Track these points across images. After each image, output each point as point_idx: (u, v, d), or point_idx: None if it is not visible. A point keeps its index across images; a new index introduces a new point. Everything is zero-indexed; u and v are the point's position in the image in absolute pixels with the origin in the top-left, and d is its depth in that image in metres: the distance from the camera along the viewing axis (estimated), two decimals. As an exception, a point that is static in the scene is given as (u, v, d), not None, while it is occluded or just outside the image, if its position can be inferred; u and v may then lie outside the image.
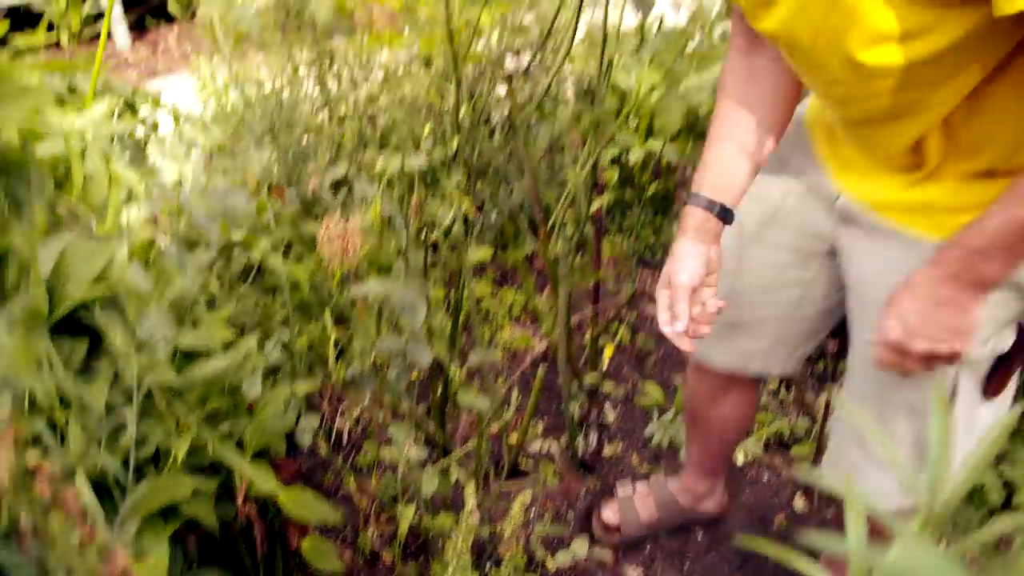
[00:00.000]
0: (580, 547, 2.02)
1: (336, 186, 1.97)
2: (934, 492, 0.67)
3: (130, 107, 2.04)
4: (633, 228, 2.96)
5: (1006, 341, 1.18)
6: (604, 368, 2.30)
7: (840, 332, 1.54)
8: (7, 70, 1.20)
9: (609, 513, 2.04)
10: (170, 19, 5.40)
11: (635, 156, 2.15)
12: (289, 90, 2.83)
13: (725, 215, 1.23)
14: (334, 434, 2.36)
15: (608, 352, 2.24)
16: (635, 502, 2.04)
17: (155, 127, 2.13)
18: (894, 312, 1.08)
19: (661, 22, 2.34)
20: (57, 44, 2.17)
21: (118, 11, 5.32)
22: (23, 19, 3.20)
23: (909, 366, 1.09)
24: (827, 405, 2.07)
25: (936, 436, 0.69)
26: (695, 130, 2.41)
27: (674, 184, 3.06)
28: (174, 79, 4.70)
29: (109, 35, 2.11)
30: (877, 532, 1.33)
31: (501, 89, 2.25)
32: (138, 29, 5.71)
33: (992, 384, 1.21)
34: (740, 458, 2.15)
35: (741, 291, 1.44)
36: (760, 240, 1.39)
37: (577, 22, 1.50)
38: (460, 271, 1.69)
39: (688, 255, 1.20)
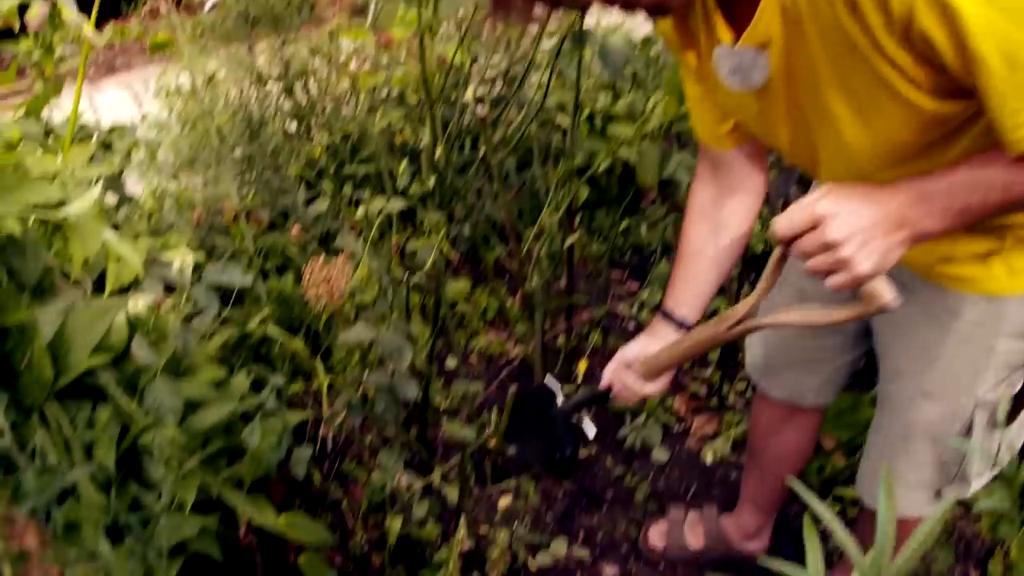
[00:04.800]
0: (559, 548, 2.13)
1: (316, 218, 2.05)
2: (879, 570, 0.77)
3: (106, 145, 2.08)
4: (602, 230, 3.04)
5: (1017, 385, 1.35)
6: (579, 380, 2.40)
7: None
8: (8, 160, 1.25)
9: (656, 537, 2.12)
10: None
11: (603, 164, 2.23)
12: (255, 94, 2.86)
13: (684, 325, 1.49)
14: (319, 442, 2.43)
15: (582, 366, 2.34)
16: (684, 528, 2.12)
17: (129, 157, 2.17)
18: (848, 207, 1.01)
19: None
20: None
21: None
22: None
23: (815, 260, 1.04)
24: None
25: (882, 521, 0.79)
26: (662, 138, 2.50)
27: (641, 187, 3.15)
28: (134, 76, 4.66)
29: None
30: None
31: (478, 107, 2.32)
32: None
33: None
34: (709, 457, 2.27)
35: (791, 338, 1.65)
36: (809, 293, 1.54)
37: (554, 66, 1.59)
38: (438, 302, 1.77)
39: (638, 343, 1.52)
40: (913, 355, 1.37)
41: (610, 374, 1.57)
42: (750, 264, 2.89)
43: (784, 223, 1.05)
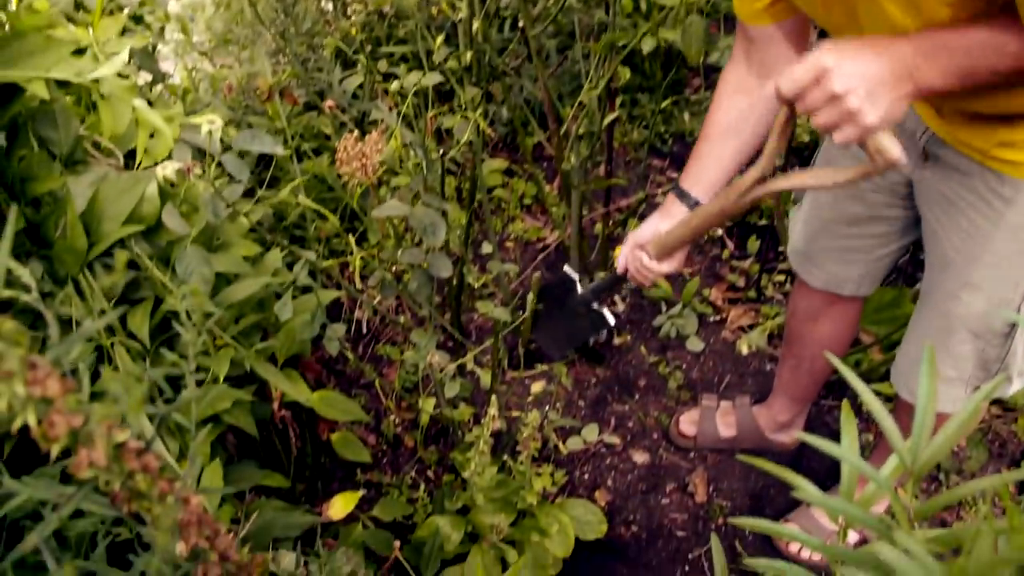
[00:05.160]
0: (591, 433, 2.14)
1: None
2: (916, 453, 0.75)
3: (137, 19, 2.04)
4: (644, 116, 2.96)
5: None
6: (614, 265, 2.36)
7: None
8: (33, 23, 1.22)
9: (687, 424, 2.14)
10: None
11: (647, 46, 2.14)
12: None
13: (697, 205, 1.47)
14: (354, 324, 2.46)
15: (618, 253, 2.31)
16: (716, 417, 2.13)
17: (162, 32, 2.13)
18: (852, 58, 0.98)
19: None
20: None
21: None
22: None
23: (821, 114, 1.01)
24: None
25: (922, 403, 0.77)
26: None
27: (686, 73, 3.04)
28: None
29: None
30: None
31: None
32: None
33: None
34: (744, 348, 2.25)
35: (834, 225, 1.60)
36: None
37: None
38: (474, 182, 1.74)
39: (650, 224, 1.52)
40: (961, 244, 1.32)
41: (623, 256, 1.58)
42: (795, 154, 2.80)
43: (787, 80, 1.03)
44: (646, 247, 1.49)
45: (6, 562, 0.77)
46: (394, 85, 1.50)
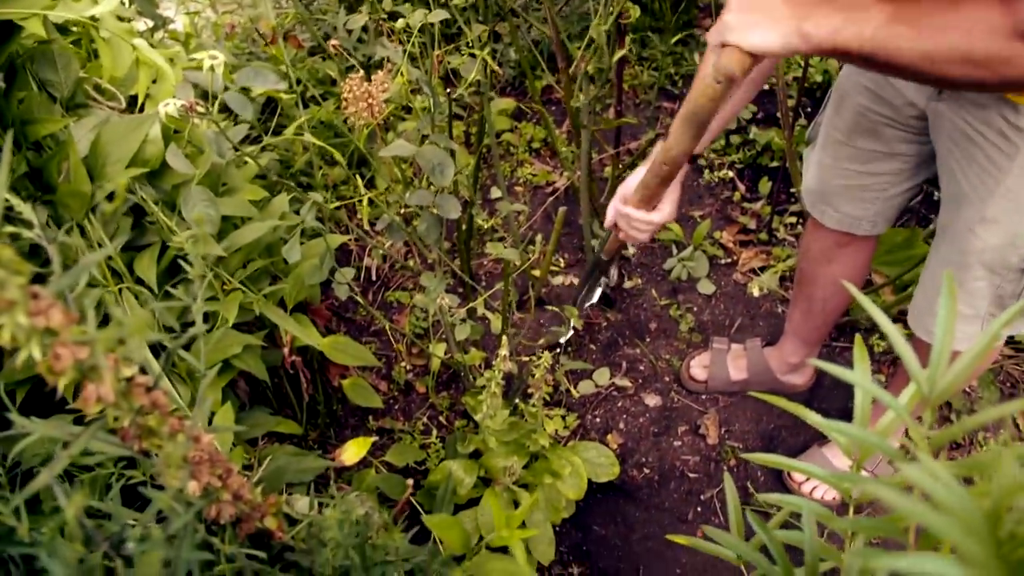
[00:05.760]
0: (602, 377, 2.15)
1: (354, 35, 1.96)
2: (934, 380, 0.74)
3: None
4: (654, 58, 2.91)
5: None
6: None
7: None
8: (28, -42, 1.19)
9: (698, 367, 2.14)
10: None
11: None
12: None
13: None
14: (363, 271, 2.45)
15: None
16: (727, 360, 2.12)
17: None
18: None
19: None
20: None
21: None
22: None
23: None
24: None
25: (941, 329, 0.75)
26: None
27: (696, 13, 2.98)
28: None
29: None
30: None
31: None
32: None
33: None
34: (755, 291, 2.24)
35: (848, 163, 1.58)
36: (865, 117, 1.49)
37: None
38: (483, 120, 1.71)
39: (638, 174, 1.47)
40: (977, 178, 1.30)
41: (611, 212, 1.56)
42: (807, 95, 2.76)
43: None
44: (629, 199, 1.47)
45: (17, 501, 0.77)
46: (399, 23, 1.46)
